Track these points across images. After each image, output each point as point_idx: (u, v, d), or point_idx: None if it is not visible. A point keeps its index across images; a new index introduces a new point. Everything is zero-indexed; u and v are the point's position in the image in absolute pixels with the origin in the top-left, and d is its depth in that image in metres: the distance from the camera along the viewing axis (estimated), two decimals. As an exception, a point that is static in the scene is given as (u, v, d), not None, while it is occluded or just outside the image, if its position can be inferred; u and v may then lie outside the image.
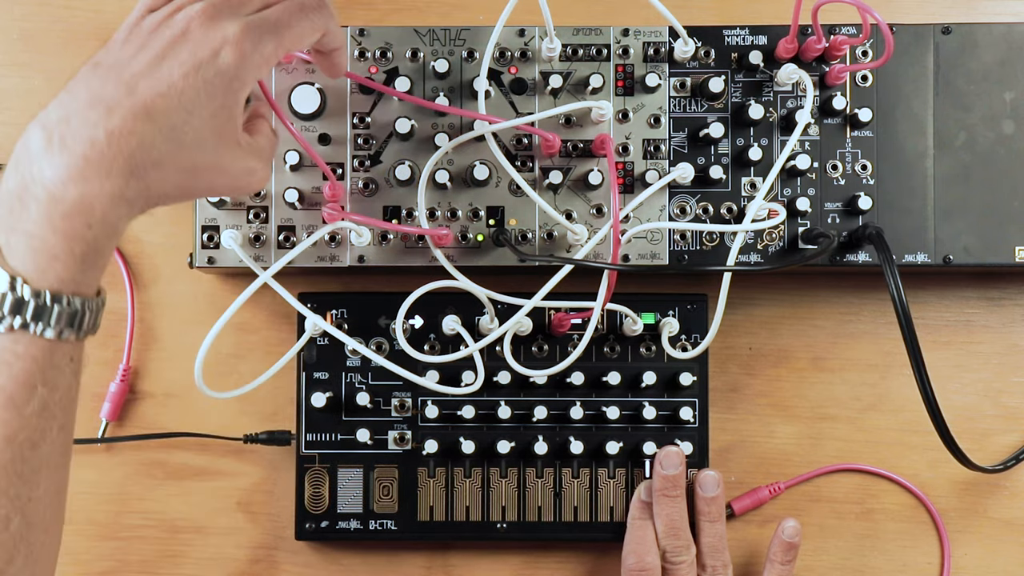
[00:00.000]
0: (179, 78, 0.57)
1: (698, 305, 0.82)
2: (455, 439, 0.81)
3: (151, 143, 0.56)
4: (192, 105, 0.57)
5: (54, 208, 0.54)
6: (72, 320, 0.55)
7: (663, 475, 0.80)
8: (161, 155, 0.56)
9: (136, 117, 0.55)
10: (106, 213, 0.55)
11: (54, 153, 0.55)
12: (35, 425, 0.56)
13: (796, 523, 0.80)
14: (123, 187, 0.55)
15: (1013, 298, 0.85)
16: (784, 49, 0.78)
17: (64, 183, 0.54)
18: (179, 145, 0.57)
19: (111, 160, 0.55)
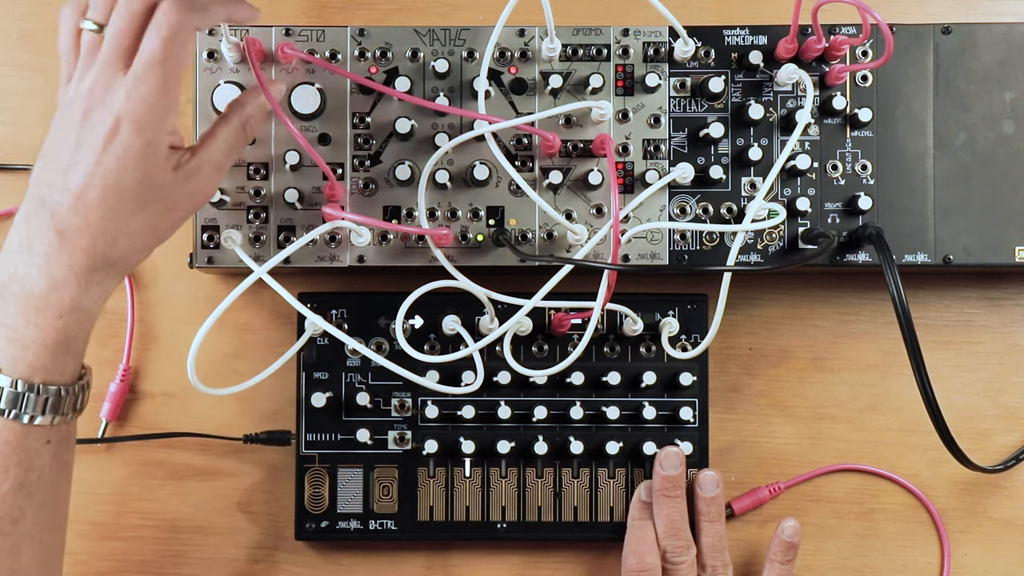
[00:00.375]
0: (95, 164, 0.59)
1: (698, 305, 0.82)
2: (455, 439, 0.81)
3: (101, 230, 0.59)
4: (118, 181, 0.59)
5: (27, 302, 0.58)
6: (45, 406, 0.59)
7: (663, 475, 0.80)
8: (112, 234, 0.59)
9: (76, 212, 0.58)
10: (76, 302, 0.59)
11: (24, 252, 0.59)
12: (11, 503, 0.60)
13: (796, 523, 0.80)
14: (88, 274, 0.59)
15: (1013, 298, 0.85)
16: (784, 49, 0.78)
17: (34, 280, 0.58)
18: (123, 216, 0.60)
19: (69, 255, 0.59)
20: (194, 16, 0.60)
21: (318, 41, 0.78)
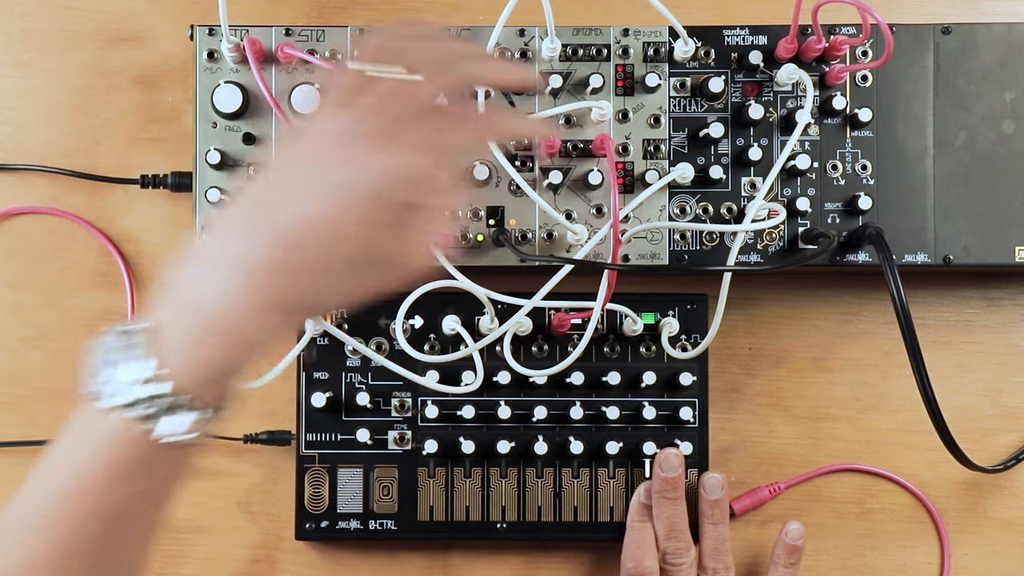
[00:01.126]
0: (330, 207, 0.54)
1: (698, 305, 0.82)
2: (455, 439, 0.81)
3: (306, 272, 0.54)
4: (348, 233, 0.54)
5: (210, 324, 0.54)
6: (190, 427, 0.55)
7: (663, 477, 0.80)
8: (315, 278, 0.55)
9: (288, 248, 0.54)
10: (254, 336, 0.55)
11: (223, 270, 0.54)
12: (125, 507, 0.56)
13: (800, 526, 0.80)
14: (274, 314, 0.55)
15: (1013, 298, 0.85)
16: (784, 49, 0.78)
17: (225, 305, 0.54)
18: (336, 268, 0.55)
19: (265, 293, 0.54)
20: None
21: (318, 41, 0.78)
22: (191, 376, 0.54)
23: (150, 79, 0.85)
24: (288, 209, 0.54)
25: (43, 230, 0.85)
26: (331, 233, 0.54)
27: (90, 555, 0.55)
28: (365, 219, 0.54)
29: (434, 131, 0.55)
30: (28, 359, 0.84)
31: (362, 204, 0.54)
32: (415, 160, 0.54)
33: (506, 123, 0.62)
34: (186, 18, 0.83)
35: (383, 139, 0.54)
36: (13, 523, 0.55)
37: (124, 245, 0.85)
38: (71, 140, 0.85)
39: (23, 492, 0.55)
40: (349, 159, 0.54)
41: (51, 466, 0.55)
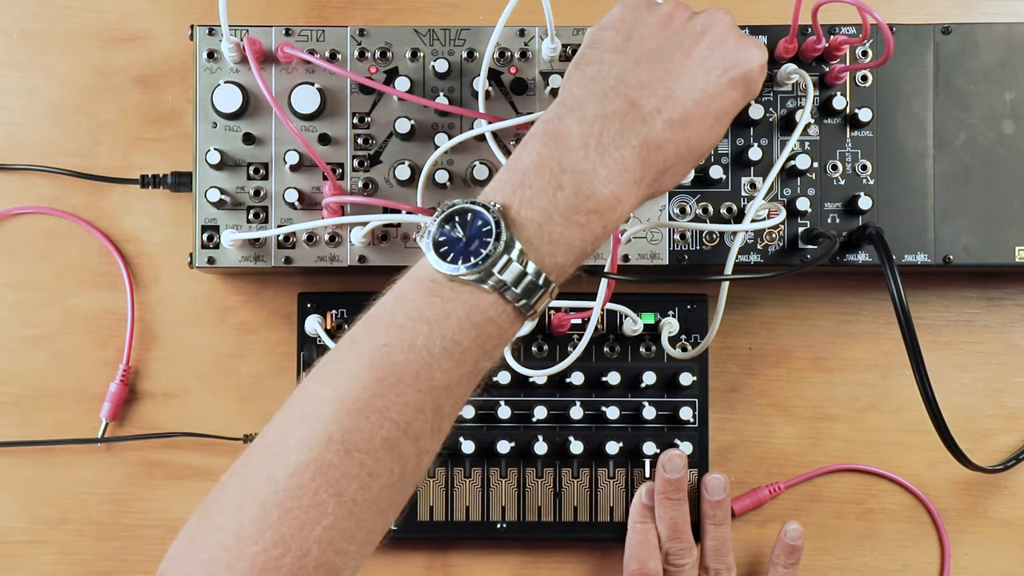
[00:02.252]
0: (715, 87, 0.58)
1: (698, 305, 0.82)
2: (455, 439, 0.81)
3: (676, 151, 0.57)
4: (721, 115, 0.58)
5: (581, 203, 0.54)
6: (541, 303, 0.55)
7: (665, 478, 0.80)
8: (682, 159, 0.57)
9: (671, 125, 0.56)
10: (621, 218, 0.56)
11: (591, 151, 0.55)
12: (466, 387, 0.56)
13: (799, 526, 0.80)
14: (643, 193, 0.57)
15: (1013, 298, 0.85)
16: (784, 49, 0.78)
17: (597, 183, 0.54)
18: (697, 150, 0.58)
19: (642, 170, 0.56)
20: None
21: (318, 41, 0.78)
22: (552, 253, 0.55)
23: (150, 79, 0.85)
24: (679, 83, 0.56)
25: (43, 230, 0.85)
26: (712, 110, 0.57)
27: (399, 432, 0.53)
28: (737, 101, 0.59)
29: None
30: (28, 359, 0.84)
31: (741, 86, 0.59)
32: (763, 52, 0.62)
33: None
34: (186, 18, 0.83)
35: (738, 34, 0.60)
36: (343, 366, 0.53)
37: (124, 245, 0.85)
38: (71, 140, 0.85)
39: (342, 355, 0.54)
40: (736, 46, 0.59)
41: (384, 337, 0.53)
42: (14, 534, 0.84)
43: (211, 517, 0.52)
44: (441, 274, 0.54)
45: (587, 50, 0.60)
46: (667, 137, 0.56)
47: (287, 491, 0.50)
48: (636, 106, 0.56)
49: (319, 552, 0.50)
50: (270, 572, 0.49)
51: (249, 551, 0.49)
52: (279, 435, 0.52)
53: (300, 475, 0.50)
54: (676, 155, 0.57)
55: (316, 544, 0.50)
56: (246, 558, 0.49)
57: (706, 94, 0.57)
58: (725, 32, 0.59)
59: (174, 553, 0.52)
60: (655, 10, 0.61)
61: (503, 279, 0.54)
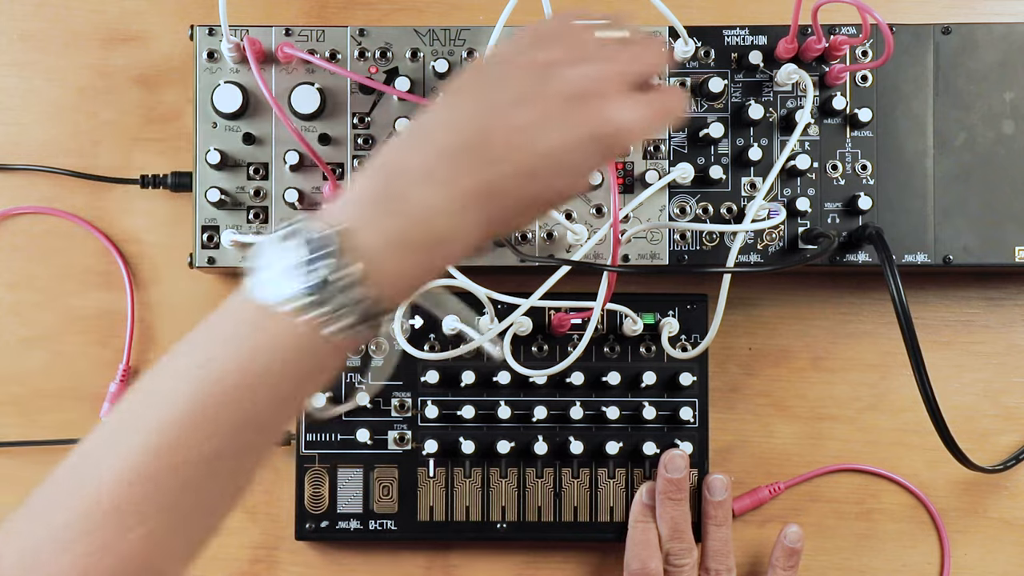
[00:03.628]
0: (566, 145, 0.55)
1: (698, 305, 0.82)
2: (455, 439, 0.81)
3: (521, 200, 0.55)
4: (572, 171, 0.56)
5: (416, 235, 0.53)
6: (369, 334, 0.54)
7: (667, 478, 0.80)
8: (529, 208, 0.56)
9: (518, 176, 0.55)
10: (460, 254, 0.55)
11: (434, 184, 0.54)
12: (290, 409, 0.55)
13: (798, 528, 0.80)
14: (485, 233, 0.55)
15: (1013, 298, 0.85)
16: (784, 49, 0.78)
17: (434, 217, 0.53)
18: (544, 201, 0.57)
19: (480, 212, 0.54)
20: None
21: (318, 41, 0.78)
22: (390, 283, 0.53)
23: (150, 79, 0.85)
24: (530, 137, 0.55)
25: (43, 230, 0.85)
26: (562, 167, 0.55)
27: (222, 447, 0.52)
28: (593, 160, 0.57)
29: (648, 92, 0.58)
30: (28, 359, 0.84)
31: (601, 146, 0.56)
32: (646, 116, 0.57)
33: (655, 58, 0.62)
34: (186, 18, 0.83)
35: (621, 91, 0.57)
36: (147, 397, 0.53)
37: (124, 245, 0.85)
38: (71, 140, 0.85)
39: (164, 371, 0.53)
40: (609, 104, 0.56)
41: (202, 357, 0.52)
42: (14, 534, 0.84)
43: (37, 508, 0.52)
44: (273, 297, 0.52)
45: (463, 76, 0.58)
46: (510, 186, 0.54)
47: (111, 496, 0.50)
48: (484, 148, 0.54)
49: (143, 557, 0.51)
50: (91, 573, 0.50)
51: (73, 549, 0.50)
52: (112, 437, 0.53)
53: (124, 482, 0.51)
54: (519, 203, 0.56)
55: (139, 548, 0.51)
56: (68, 554, 0.50)
57: (558, 149, 0.55)
58: (597, 89, 0.56)
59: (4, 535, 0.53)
60: (537, 50, 0.58)
61: (335, 305, 0.52)
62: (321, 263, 0.52)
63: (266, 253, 0.53)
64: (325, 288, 0.52)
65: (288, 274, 0.52)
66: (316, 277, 0.52)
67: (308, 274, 0.52)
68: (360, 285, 0.52)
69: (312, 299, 0.52)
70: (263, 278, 0.53)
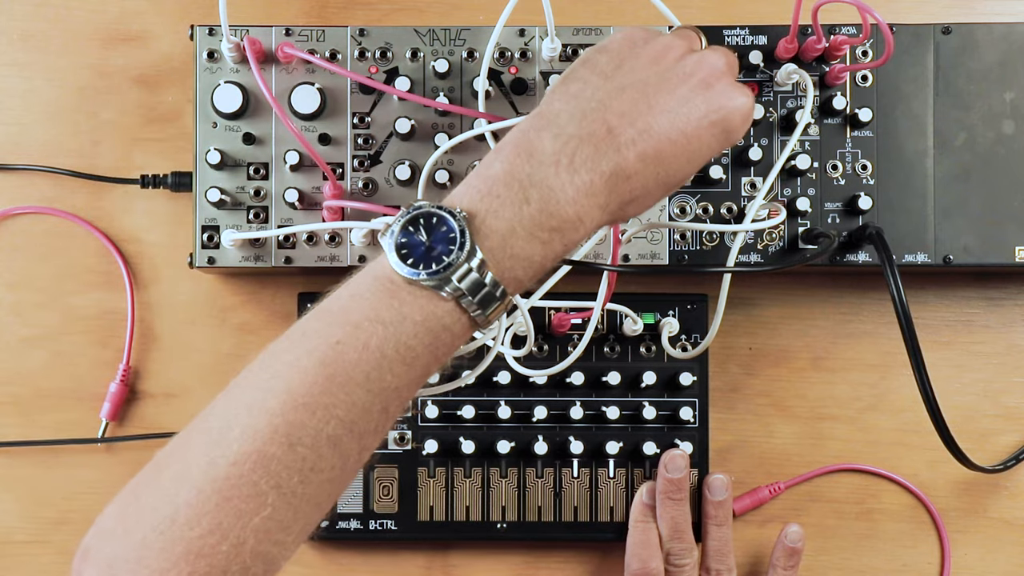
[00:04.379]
0: (694, 129, 0.57)
1: (698, 305, 0.82)
2: (455, 439, 0.81)
3: (644, 184, 0.56)
4: (695, 156, 0.58)
5: (545, 220, 0.54)
6: (495, 314, 0.55)
7: (667, 478, 0.80)
8: (648, 192, 0.57)
9: (644, 159, 0.56)
10: (581, 239, 0.56)
11: (562, 169, 0.55)
12: (413, 389, 0.55)
13: (799, 528, 0.80)
14: (606, 219, 0.56)
15: (1013, 298, 0.85)
16: (784, 49, 0.78)
17: (564, 202, 0.54)
18: (665, 186, 0.58)
19: (607, 197, 0.55)
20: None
21: (318, 41, 0.78)
22: (516, 267, 0.54)
23: (150, 79, 0.85)
24: (658, 120, 0.56)
25: (43, 230, 0.85)
26: (687, 151, 0.57)
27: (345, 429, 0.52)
28: (714, 146, 0.58)
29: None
30: (28, 359, 0.84)
31: (720, 132, 0.58)
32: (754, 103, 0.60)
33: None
34: (186, 18, 0.83)
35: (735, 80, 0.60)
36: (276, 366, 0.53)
37: (124, 245, 0.85)
38: (71, 140, 0.85)
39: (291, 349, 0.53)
40: (723, 92, 0.58)
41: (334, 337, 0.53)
42: (14, 534, 0.84)
43: (145, 498, 0.51)
44: (400, 276, 0.53)
45: (579, 67, 0.60)
46: (637, 170, 0.56)
47: (227, 479, 0.50)
48: (613, 133, 0.56)
49: (256, 542, 0.50)
50: (205, 559, 0.49)
51: (185, 536, 0.49)
52: (223, 422, 0.52)
53: (242, 465, 0.50)
54: (643, 188, 0.57)
55: (253, 534, 0.50)
56: (181, 543, 0.49)
57: (683, 134, 0.57)
58: (715, 76, 0.59)
59: (101, 530, 0.52)
60: (652, 43, 0.60)
61: (461, 287, 0.53)
62: (444, 249, 0.53)
63: (390, 235, 0.54)
64: (447, 273, 0.53)
65: (410, 258, 0.53)
66: (439, 262, 0.53)
67: (431, 259, 0.53)
68: (481, 271, 0.53)
69: (433, 283, 0.53)
70: (394, 258, 0.54)
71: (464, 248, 0.53)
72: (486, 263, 0.53)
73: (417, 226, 0.54)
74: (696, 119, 0.57)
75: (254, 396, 0.52)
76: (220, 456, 0.50)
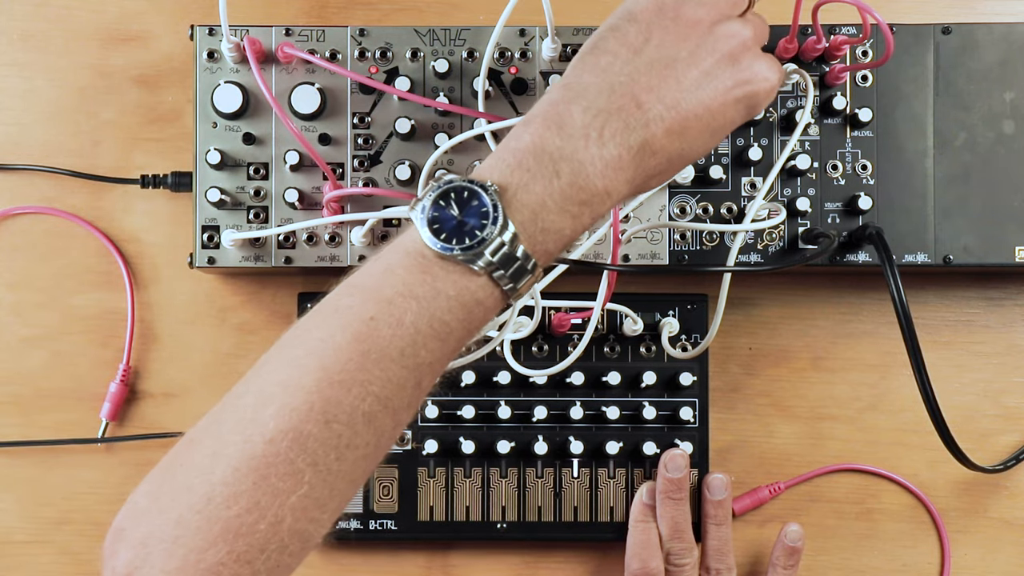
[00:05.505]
0: (720, 104, 0.57)
1: (698, 305, 0.82)
2: (455, 439, 0.81)
3: (669, 158, 0.57)
4: (718, 130, 0.58)
5: (575, 193, 0.54)
6: (526, 287, 0.55)
7: (667, 478, 0.80)
8: (671, 166, 0.58)
9: (670, 134, 0.56)
10: (607, 211, 0.56)
11: (591, 142, 0.55)
12: (446, 363, 0.55)
13: (799, 527, 0.80)
14: (630, 192, 0.57)
15: (1013, 298, 0.85)
16: (784, 49, 0.78)
17: (593, 175, 0.55)
18: (685, 159, 0.58)
19: (634, 171, 0.56)
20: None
21: (318, 41, 0.78)
22: (547, 239, 0.54)
23: (150, 79, 0.85)
24: (686, 95, 0.56)
25: (43, 230, 0.85)
26: (711, 126, 0.57)
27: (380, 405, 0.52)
28: (737, 119, 0.58)
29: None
30: (28, 359, 0.84)
31: (744, 106, 0.58)
32: (780, 74, 0.60)
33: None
34: (186, 18, 0.83)
35: (760, 51, 0.60)
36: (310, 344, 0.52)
37: (124, 245, 0.85)
38: (71, 140, 0.85)
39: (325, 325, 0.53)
40: (750, 64, 0.58)
41: (367, 313, 0.52)
42: (14, 534, 0.84)
43: (179, 477, 0.51)
44: (432, 251, 0.53)
45: (607, 36, 0.59)
46: (663, 144, 0.56)
47: (264, 457, 0.49)
48: (642, 108, 0.56)
49: (293, 520, 0.50)
50: (244, 538, 0.49)
51: (222, 515, 0.49)
52: (257, 399, 0.52)
53: (279, 443, 0.50)
54: (667, 162, 0.57)
55: (291, 512, 0.50)
56: (219, 522, 0.49)
57: (709, 109, 0.57)
58: (743, 48, 0.59)
59: (134, 509, 0.51)
60: (683, 11, 0.59)
61: (494, 262, 0.53)
62: (476, 223, 0.53)
63: (421, 210, 0.54)
64: (479, 247, 0.53)
65: (442, 232, 0.53)
66: (471, 237, 0.53)
67: (463, 234, 0.53)
68: (513, 245, 0.53)
69: (466, 257, 0.53)
70: (427, 232, 0.53)
71: (497, 223, 0.53)
72: (518, 237, 0.53)
73: (449, 200, 0.54)
74: (722, 93, 0.57)
75: (289, 373, 0.52)
76: (256, 434, 0.50)
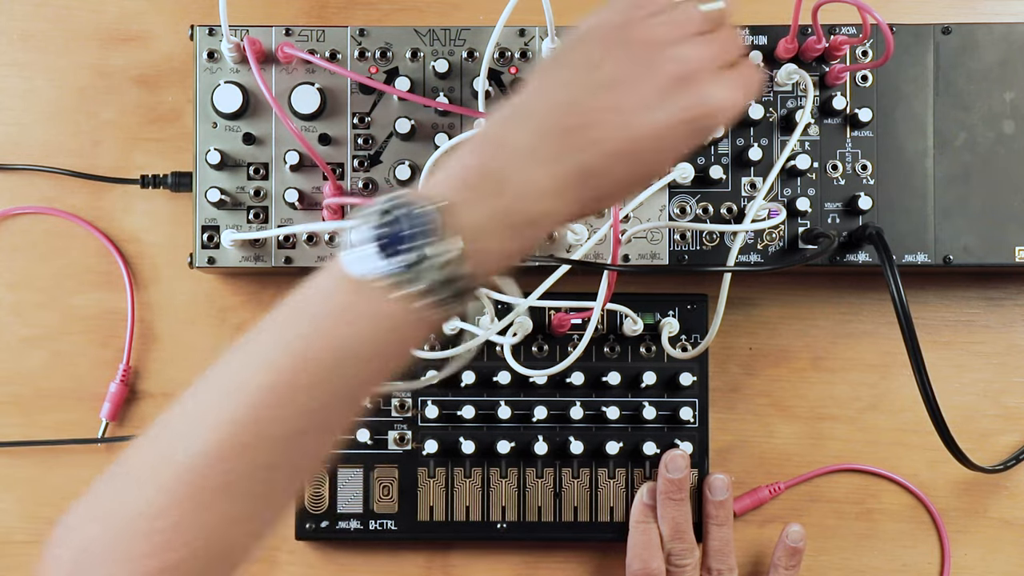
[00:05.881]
0: (667, 127, 0.55)
1: (698, 305, 0.82)
2: (455, 439, 0.81)
3: (616, 181, 0.55)
4: (668, 152, 0.56)
5: (517, 214, 0.53)
6: (462, 308, 0.54)
7: (668, 478, 0.80)
8: (619, 188, 0.56)
9: (616, 156, 0.55)
10: (549, 232, 0.56)
11: (534, 163, 0.54)
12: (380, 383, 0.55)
13: (800, 528, 0.80)
14: (577, 212, 0.55)
15: (1013, 298, 0.85)
16: (784, 49, 0.78)
17: (536, 197, 0.53)
18: (639, 179, 0.57)
19: (578, 192, 0.54)
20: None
21: (318, 41, 0.78)
22: (486, 261, 0.53)
23: (150, 79, 0.85)
24: (633, 117, 0.55)
25: (43, 230, 0.85)
26: (660, 148, 0.55)
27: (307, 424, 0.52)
28: (688, 140, 0.56)
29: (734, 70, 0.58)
30: (28, 359, 0.84)
31: (699, 127, 0.56)
32: (738, 95, 0.57)
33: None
34: (186, 18, 0.83)
35: (717, 71, 0.56)
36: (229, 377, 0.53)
37: (124, 245, 0.85)
38: (71, 140, 0.85)
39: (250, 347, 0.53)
40: (708, 85, 0.56)
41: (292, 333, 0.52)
42: (14, 534, 0.84)
43: (117, 484, 0.52)
44: (371, 269, 0.52)
45: (567, 52, 0.58)
46: (610, 166, 0.55)
47: (195, 470, 0.50)
48: (588, 128, 0.54)
49: (220, 535, 0.51)
50: (175, 551, 0.50)
51: (155, 526, 0.50)
52: (191, 417, 0.52)
53: (210, 458, 0.50)
54: (615, 184, 0.56)
55: (222, 526, 0.51)
56: (152, 534, 0.50)
57: (656, 132, 0.55)
58: (697, 69, 0.56)
59: (82, 510, 0.52)
60: (639, 32, 0.57)
61: (435, 280, 0.52)
62: (421, 240, 0.52)
63: (363, 227, 0.52)
64: (423, 265, 0.52)
65: (385, 250, 0.52)
66: (415, 254, 0.51)
67: (407, 251, 0.52)
68: (458, 263, 0.52)
69: (408, 275, 0.52)
70: (358, 253, 0.52)
71: (438, 241, 0.52)
72: (460, 256, 0.52)
73: (390, 218, 0.52)
74: (676, 113, 0.55)
75: (222, 388, 0.52)
76: (188, 449, 0.51)
